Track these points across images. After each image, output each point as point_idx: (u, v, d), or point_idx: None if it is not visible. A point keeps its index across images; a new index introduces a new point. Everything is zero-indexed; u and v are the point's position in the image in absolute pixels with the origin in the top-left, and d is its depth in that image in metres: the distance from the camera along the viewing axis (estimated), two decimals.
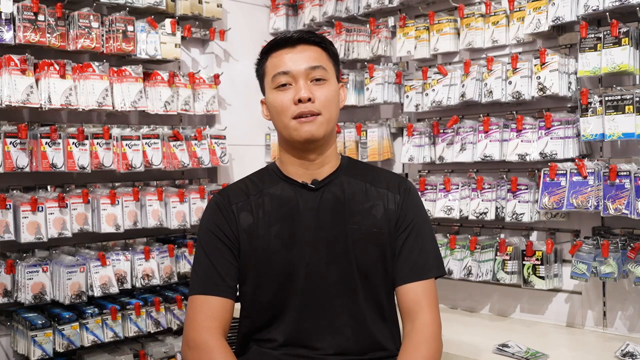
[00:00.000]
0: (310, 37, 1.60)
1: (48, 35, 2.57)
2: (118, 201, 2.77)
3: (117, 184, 2.91)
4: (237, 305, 1.65)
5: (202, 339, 1.51)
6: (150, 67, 3.01)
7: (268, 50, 1.62)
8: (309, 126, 1.54)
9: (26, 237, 2.50)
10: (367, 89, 2.96)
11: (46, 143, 2.56)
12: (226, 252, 1.59)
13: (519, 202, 2.46)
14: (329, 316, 1.56)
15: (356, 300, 1.57)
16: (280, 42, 1.60)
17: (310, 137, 1.55)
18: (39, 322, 2.50)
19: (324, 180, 1.62)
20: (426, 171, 2.90)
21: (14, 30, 2.50)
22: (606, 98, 2.17)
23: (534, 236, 2.57)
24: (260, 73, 1.66)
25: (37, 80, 2.55)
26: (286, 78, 1.56)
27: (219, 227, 1.60)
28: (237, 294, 1.64)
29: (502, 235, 2.61)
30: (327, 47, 1.63)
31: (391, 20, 2.99)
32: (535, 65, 2.39)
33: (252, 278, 1.60)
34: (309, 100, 1.54)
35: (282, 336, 1.56)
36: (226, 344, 1.53)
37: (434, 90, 2.71)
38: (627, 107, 2.12)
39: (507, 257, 2.47)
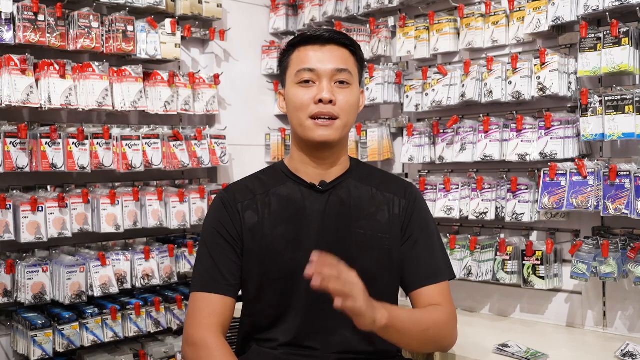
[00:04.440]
0: (341, 38, 1.59)
1: (48, 35, 2.57)
2: (118, 201, 2.77)
3: (117, 184, 2.91)
4: (238, 305, 1.65)
5: (201, 336, 1.51)
6: (150, 67, 3.01)
7: (296, 44, 1.60)
8: (325, 130, 1.54)
9: (26, 237, 2.50)
10: (367, 89, 2.96)
11: (46, 143, 2.56)
12: (229, 250, 1.59)
13: (519, 202, 2.46)
14: (331, 318, 1.53)
15: None
16: (310, 38, 1.58)
17: (325, 141, 1.55)
18: (39, 322, 2.51)
19: (332, 182, 1.62)
20: (426, 171, 2.90)
21: (14, 30, 2.50)
22: (606, 98, 2.17)
23: (534, 236, 2.57)
24: (284, 65, 1.63)
25: (37, 80, 2.55)
26: (310, 75, 1.55)
27: (223, 225, 1.60)
28: (240, 292, 1.64)
29: (502, 235, 2.61)
30: (356, 51, 1.62)
31: (391, 20, 2.99)
32: (535, 65, 2.39)
33: (256, 278, 1.59)
34: (330, 102, 1.53)
35: (283, 336, 1.56)
36: (225, 342, 1.52)
37: (434, 90, 2.71)
38: (627, 107, 2.12)
39: (507, 257, 2.47)
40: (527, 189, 2.46)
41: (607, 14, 2.20)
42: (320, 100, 1.53)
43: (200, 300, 1.55)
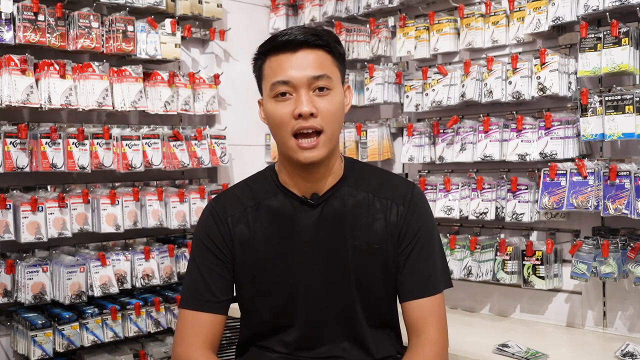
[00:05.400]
0: (314, 40, 1.44)
1: (48, 35, 2.57)
2: (118, 201, 2.77)
3: (117, 184, 2.91)
4: (237, 305, 1.64)
5: (188, 355, 1.49)
6: (150, 67, 3.01)
7: (267, 51, 1.48)
8: (310, 152, 1.43)
9: (26, 237, 2.50)
10: (367, 89, 2.96)
11: (46, 143, 2.56)
12: (218, 266, 1.54)
13: (519, 202, 2.46)
14: (328, 330, 1.53)
15: (356, 314, 1.53)
16: (280, 45, 1.45)
17: (312, 163, 1.45)
18: (39, 322, 2.50)
19: (324, 194, 1.53)
20: (426, 171, 2.90)
21: (14, 30, 2.50)
22: (606, 98, 2.17)
23: (534, 236, 2.57)
24: (258, 74, 1.52)
25: (37, 80, 2.55)
26: (286, 88, 1.43)
27: (212, 240, 1.54)
28: (235, 296, 1.61)
29: (502, 235, 2.61)
30: (332, 49, 1.48)
31: (391, 20, 2.99)
32: (535, 65, 2.39)
33: (249, 293, 1.56)
34: (311, 115, 1.41)
35: (280, 346, 1.54)
36: (213, 357, 1.50)
37: (434, 90, 2.71)
38: (627, 107, 2.12)
39: (507, 257, 2.47)
40: (527, 189, 2.46)
41: (607, 14, 2.20)
42: (300, 115, 1.41)
43: (187, 319, 1.52)
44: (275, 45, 1.46)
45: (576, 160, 2.27)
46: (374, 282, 1.53)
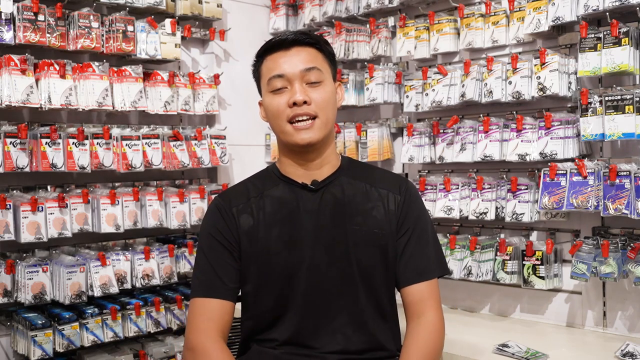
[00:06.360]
0: (305, 38, 1.60)
1: (48, 35, 2.57)
2: (118, 201, 2.77)
3: (117, 184, 2.91)
4: (239, 306, 1.65)
5: (200, 341, 1.53)
6: (150, 67, 3.01)
7: (263, 53, 1.63)
8: (307, 133, 1.55)
9: (26, 237, 2.50)
10: (367, 89, 2.96)
11: (46, 143, 2.56)
12: (226, 255, 1.60)
13: (519, 202, 2.46)
14: (330, 316, 1.56)
15: (357, 300, 1.58)
16: (274, 45, 1.60)
17: (308, 143, 1.56)
18: (39, 322, 2.50)
19: (323, 181, 1.63)
20: (426, 171, 2.90)
21: (14, 30, 2.50)
22: (606, 98, 2.17)
23: (534, 236, 2.57)
24: (257, 76, 1.67)
25: (37, 80, 2.55)
26: (281, 81, 1.57)
27: (219, 231, 1.62)
28: (240, 294, 1.65)
29: (502, 235, 2.61)
30: (322, 47, 1.63)
31: (391, 20, 2.99)
32: (535, 65, 2.39)
33: (254, 280, 1.60)
34: (305, 102, 1.54)
35: (283, 336, 1.57)
36: (224, 346, 1.54)
37: (434, 90, 2.71)
38: (627, 107, 2.12)
39: (507, 257, 2.47)
40: (527, 189, 2.46)
41: (607, 14, 2.20)
42: (295, 103, 1.54)
43: (199, 306, 1.57)
44: (270, 46, 1.62)
45: (576, 160, 2.28)
46: (375, 267, 1.59)
